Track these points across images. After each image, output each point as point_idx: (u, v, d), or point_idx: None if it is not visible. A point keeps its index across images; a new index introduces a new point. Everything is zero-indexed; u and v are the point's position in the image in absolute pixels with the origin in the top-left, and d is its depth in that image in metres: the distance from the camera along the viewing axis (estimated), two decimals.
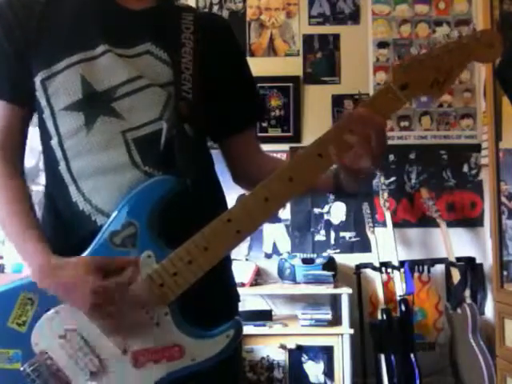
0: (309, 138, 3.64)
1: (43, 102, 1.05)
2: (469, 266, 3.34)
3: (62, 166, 1.04)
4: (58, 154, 1.05)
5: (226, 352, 0.97)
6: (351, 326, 3.11)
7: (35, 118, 1.11)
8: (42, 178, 1.13)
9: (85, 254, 0.98)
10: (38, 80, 1.05)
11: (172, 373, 0.96)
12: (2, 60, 1.07)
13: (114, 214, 0.99)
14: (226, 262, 1.12)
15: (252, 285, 3.30)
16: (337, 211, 3.63)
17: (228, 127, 1.18)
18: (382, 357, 3.16)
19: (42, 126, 1.07)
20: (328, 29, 3.72)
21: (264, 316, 3.22)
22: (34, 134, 1.15)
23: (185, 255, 0.96)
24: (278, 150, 3.61)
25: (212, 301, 1.04)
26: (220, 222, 0.96)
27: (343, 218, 3.63)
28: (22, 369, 0.96)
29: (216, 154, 1.20)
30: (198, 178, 1.04)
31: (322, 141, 0.94)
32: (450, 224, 3.47)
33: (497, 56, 0.95)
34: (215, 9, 3.71)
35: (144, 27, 1.08)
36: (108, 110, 1.03)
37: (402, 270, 3.32)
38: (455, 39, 0.93)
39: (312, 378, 3.19)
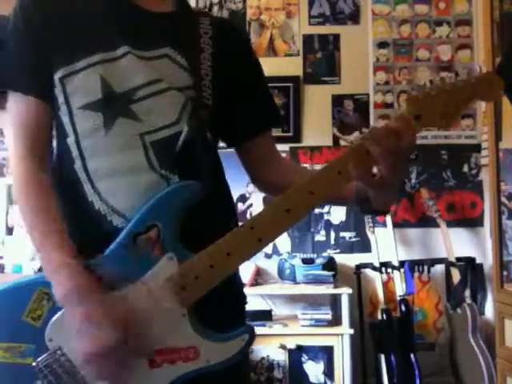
0: (309, 138, 3.64)
1: (60, 99, 1.05)
2: (469, 265, 3.34)
3: (78, 165, 1.04)
4: (74, 152, 1.05)
5: (240, 355, 0.99)
6: (351, 326, 3.12)
7: None
8: None
9: (106, 253, 0.98)
10: (56, 77, 1.05)
11: (186, 374, 0.97)
12: (27, 56, 1.07)
13: (137, 216, 0.99)
14: None
15: (252, 285, 3.31)
16: (337, 211, 3.63)
17: (246, 131, 1.19)
18: (382, 357, 3.16)
19: (58, 123, 1.07)
20: (328, 29, 3.72)
21: (264, 316, 3.22)
22: None
23: (207, 259, 0.97)
24: None
25: (225, 304, 1.05)
26: (243, 228, 0.99)
27: (343, 218, 3.63)
28: (34, 364, 0.95)
29: (224, 157, 1.20)
30: (215, 181, 1.07)
31: (342, 158, 0.99)
32: (449, 224, 3.47)
33: (497, 97, 1.02)
34: (215, 9, 3.71)
35: (164, 31, 1.09)
36: (127, 112, 1.03)
37: (402, 270, 3.32)
38: (464, 78, 1.02)
39: (312, 378, 3.20)
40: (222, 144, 1.20)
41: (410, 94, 1.01)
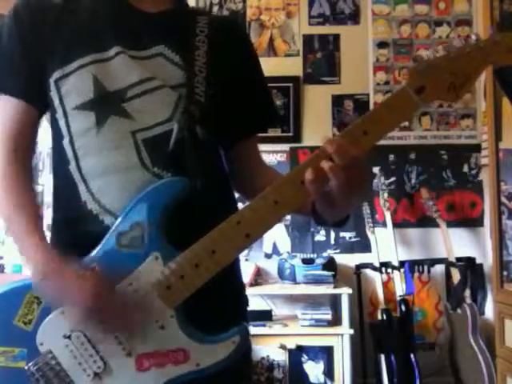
0: (309, 138, 3.64)
1: (56, 102, 1.06)
2: (469, 266, 3.34)
3: (72, 166, 1.05)
4: (69, 153, 1.05)
5: (232, 358, 0.95)
6: (351, 326, 3.11)
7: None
8: (42, 179, 1.13)
9: (93, 254, 0.98)
10: (52, 80, 1.05)
11: (176, 377, 0.95)
12: (16, 59, 1.07)
13: (122, 215, 0.98)
14: (236, 264, 1.11)
15: (252, 285, 3.31)
16: None
17: (238, 132, 1.18)
18: (382, 357, 3.16)
19: (55, 125, 1.08)
20: (328, 29, 3.72)
21: (264, 316, 3.22)
22: None
23: (192, 258, 0.94)
24: (278, 150, 3.61)
25: (220, 305, 1.03)
26: (229, 224, 0.94)
27: None
28: (26, 368, 0.95)
29: None
30: (208, 179, 1.04)
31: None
32: (449, 224, 3.47)
33: None
34: (215, 9, 3.71)
35: (158, 30, 1.09)
36: (119, 111, 1.03)
37: (402, 270, 3.32)
38: (473, 42, 0.92)
39: (312, 378, 3.19)
40: None
41: (410, 67, 0.92)
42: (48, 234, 1.07)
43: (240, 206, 1.13)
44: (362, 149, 0.91)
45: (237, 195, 1.19)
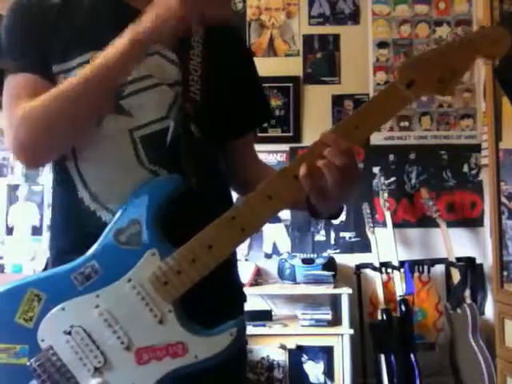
0: (309, 138, 3.64)
1: None
2: (469, 266, 3.34)
3: (70, 163, 1.05)
4: None
5: (230, 350, 0.97)
6: (351, 326, 3.12)
7: None
8: (42, 178, 1.13)
9: (91, 251, 0.99)
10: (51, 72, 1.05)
11: (175, 370, 0.96)
12: (25, 46, 1.06)
13: (119, 212, 1.00)
14: (233, 261, 1.12)
15: (252, 285, 3.31)
16: None
17: (233, 131, 1.18)
18: (382, 357, 3.16)
19: None
20: (328, 29, 3.73)
21: (264, 316, 3.22)
22: None
23: (188, 253, 0.96)
24: (278, 150, 3.62)
25: (217, 300, 1.05)
26: (224, 219, 0.96)
27: (343, 218, 3.62)
28: (28, 364, 0.97)
29: None
30: (203, 177, 1.05)
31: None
32: (449, 224, 3.47)
33: (504, 52, 0.94)
34: None
35: None
36: (116, 108, 1.04)
37: (402, 270, 3.32)
38: (462, 36, 0.94)
39: (312, 378, 3.19)
40: None
41: (400, 62, 0.93)
42: (48, 233, 1.07)
43: None
44: (354, 143, 0.93)
45: (235, 195, 1.19)
